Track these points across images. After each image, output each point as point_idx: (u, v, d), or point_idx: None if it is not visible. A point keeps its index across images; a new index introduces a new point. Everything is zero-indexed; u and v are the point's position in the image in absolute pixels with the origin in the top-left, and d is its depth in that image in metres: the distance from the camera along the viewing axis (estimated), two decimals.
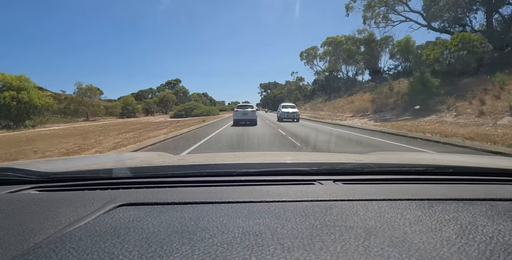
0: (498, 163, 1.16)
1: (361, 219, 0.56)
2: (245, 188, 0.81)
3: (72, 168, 1.07)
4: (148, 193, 0.75)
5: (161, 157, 1.65)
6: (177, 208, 0.63)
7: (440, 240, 0.47)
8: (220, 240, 0.46)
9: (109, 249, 0.44)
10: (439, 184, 0.89)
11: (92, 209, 0.62)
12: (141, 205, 0.65)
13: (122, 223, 0.54)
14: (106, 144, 7.99)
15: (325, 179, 0.91)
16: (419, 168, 1.02)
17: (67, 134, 12.94)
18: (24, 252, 0.44)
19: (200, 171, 0.98)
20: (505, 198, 0.71)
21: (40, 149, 7.07)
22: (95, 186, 0.88)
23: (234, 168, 1.01)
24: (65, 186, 0.89)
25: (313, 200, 0.68)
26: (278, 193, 0.74)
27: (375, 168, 1.01)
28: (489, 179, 0.95)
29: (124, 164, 1.13)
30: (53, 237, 0.49)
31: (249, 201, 0.67)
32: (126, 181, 0.91)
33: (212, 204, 0.66)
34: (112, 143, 7.99)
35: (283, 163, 1.14)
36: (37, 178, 0.91)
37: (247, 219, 0.56)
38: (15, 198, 0.76)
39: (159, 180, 0.92)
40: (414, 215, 0.58)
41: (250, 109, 15.34)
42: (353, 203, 0.66)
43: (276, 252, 0.42)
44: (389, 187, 0.85)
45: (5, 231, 0.52)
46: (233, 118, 15.57)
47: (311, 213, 0.59)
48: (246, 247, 0.44)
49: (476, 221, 0.55)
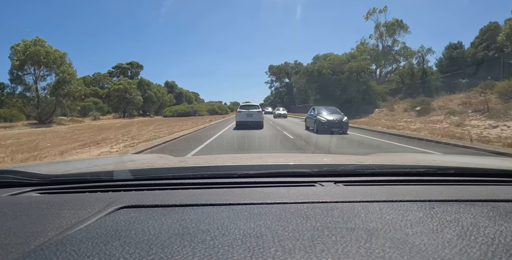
0: (499, 164, 1.16)
1: (362, 221, 0.55)
2: (246, 190, 0.81)
3: (73, 170, 1.07)
4: (149, 195, 0.75)
5: (162, 159, 1.65)
6: (178, 210, 0.63)
7: (442, 241, 0.47)
8: (221, 242, 0.46)
9: (110, 252, 0.44)
10: (440, 185, 0.89)
11: (93, 211, 0.63)
12: (142, 207, 0.66)
13: (123, 226, 0.54)
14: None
15: (326, 181, 0.91)
16: (420, 169, 1.02)
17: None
18: (25, 254, 0.44)
19: (201, 173, 0.98)
20: (507, 199, 0.70)
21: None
22: (96, 188, 0.88)
23: (235, 170, 1.01)
24: (66, 189, 0.89)
25: (314, 201, 0.68)
26: (279, 194, 0.74)
27: (376, 169, 1.00)
28: (491, 180, 0.94)
29: (125, 166, 1.14)
30: (54, 239, 0.49)
31: (250, 203, 0.67)
32: (127, 183, 0.91)
33: (213, 206, 0.66)
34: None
35: (284, 165, 1.13)
36: (38, 181, 0.91)
37: (248, 221, 0.56)
38: (16, 200, 0.76)
39: (160, 182, 0.92)
40: (416, 216, 0.58)
41: (255, 110, 13.36)
42: (354, 204, 0.66)
43: (277, 254, 0.42)
44: (390, 188, 0.85)
45: (6, 234, 0.52)
46: (236, 120, 13.63)
47: (312, 214, 0.59)
48: (247, 249, 0.44)
49: (477, 222, 0.55)
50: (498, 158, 1.72)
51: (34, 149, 8.14)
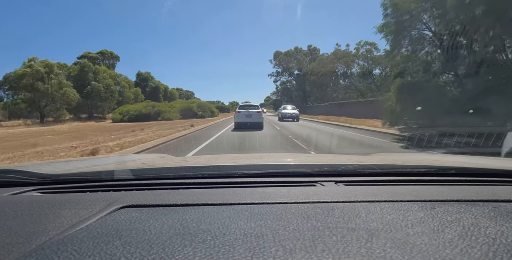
0: (500, 164, 1.16)
1: (363, 221, 0.55)
2: (247, 189, 0.81)
3: (74, 170, 1.07)
4: (150, 195, 0.75)
5: (163, 158, 1.65)
6: (179, 210, 0.63)
7: (443, 241, 0.47)
8: (222, 242, 0.46)
9: (111, 251, 0.44)
10: (441, 185, 0.89)
11: (94, 211, 0.63)
12: (143, 207, 0.66)
13: (124, 225, 0.54)
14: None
15: (326, 181, 0.91)
16: (421, 169, 1.02)
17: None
18: (26, 254, 0.44)
19: (202, 172, 0.99)
20: (508, 200, 0.70)
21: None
22: (97, 188, 0.88)
23: (235, 169, 1.01)
24: (67, 188, 0.89)
25: (315, 201, 0.68)
26: (279, 194, 0.74)
27: (377, 169, 1.00)
28: (492, 180, 0.94)
29: (126, 166, 1.14)
30: (55, 239, 0.49)
31: (251, 203, 0.67)
32: (128, 183, 0.91)
33: (213, 206, 0.66)
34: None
35: (284, 165, 1.13)
36: (39, 180, 0.92)
37: (248, 221, 0.56)
38: (17, 200, 0.76)
39: (161, 181, 0.92)
40: (416, 216, 0.58)
41: (255, 110, 12.88)
42: (355, 204, 0.66)
43: (278, 254, 0.42)
44: (391, 188, 0.85)
45: (7, 233, 0.52)
46: (235, 120, 13.12)
47: (313, 214, 0.59)
48: (248, 249, 0.44)
49: (478, 223, 0.55)
50: (499, 158, 1.72)
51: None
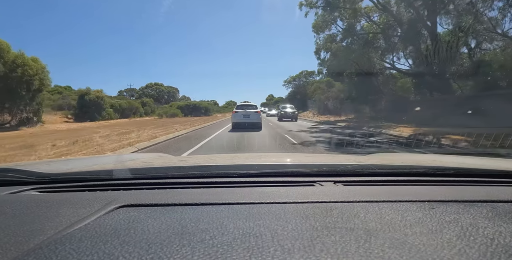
0: (499, 164, 1.16)
1: (361, 221, 0.56)
2: (246, 189, 0.81)
3: (73, 169, 1.07)
4: (148, 194, 0.75)
5: (161, 158, 1.65)
6: (177, 210, 0.63)
7: (441, 241, 0.47)
8: (220, 242, 0.46)
9: (109, 250, 0.44)
10: (439, 186, 0.89)
11: (92, 210, 0.63)
12: (141, 206, 0.66)
13: (122, 224, 0.54)
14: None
15: (325, 181, 0.91)
16: (419, 170, 1.02)
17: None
18: (24, 253, 0.44)
19: (201, 172, 0.98)
20: (506, 200, 0.70)
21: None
22: (96, 187, 0.88)
23: (234, 169, 1.01)
24: (65, 187, 0.89)
25: (314, 201, 0.68)
26: (278, 194, 0.74)
27: (375, 169, 1.00)
28: (490, 181, 0.94)
29: (125, 166, 1.14)
30: (53, 238, 0.49)
31: (249, 203, 0.67)
32: (127, 182, 0.91)
33: (212, 206, 0.66)
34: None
35: (283, 165, 1.13)
36: (38, 179, 0.91)
37: (247, 221, 0.56)
38: (15, 199, 0.76)
39: (159, 181, 0.92)
40: (415, 216, 0.58)
41: (253, 110, 12.53)
42: (353, 204, 0.66)
43: (276, 253, 0.42)
44: (389, 188, 0.85)
45: (5, 232, 0.52)
46: (232, 121, 12.85)
47: (311, 214, 0.59)
48: (246, 249, 0.44)
49: (477, 223, 0.55)
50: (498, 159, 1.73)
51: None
